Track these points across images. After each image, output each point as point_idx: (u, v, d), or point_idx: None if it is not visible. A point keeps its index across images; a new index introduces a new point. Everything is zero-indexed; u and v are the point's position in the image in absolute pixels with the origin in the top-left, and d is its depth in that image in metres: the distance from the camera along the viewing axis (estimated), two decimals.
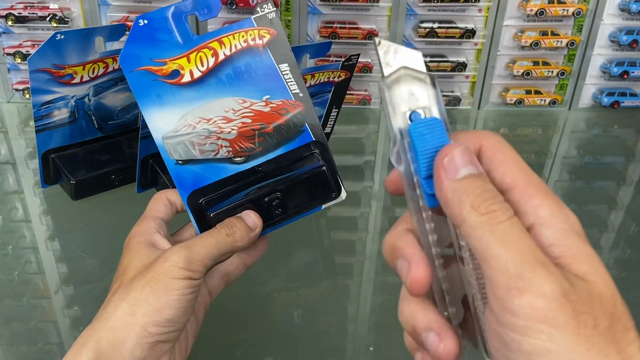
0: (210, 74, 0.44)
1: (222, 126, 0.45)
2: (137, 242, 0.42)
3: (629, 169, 0.84)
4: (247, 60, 0.45)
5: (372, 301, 0.58)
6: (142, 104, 0.43)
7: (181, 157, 0.44)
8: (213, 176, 0.45)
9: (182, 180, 0.44)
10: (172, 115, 0.44)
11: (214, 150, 0.45)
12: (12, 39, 0.89)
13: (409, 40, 0.91)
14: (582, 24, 0.93)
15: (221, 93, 0.45)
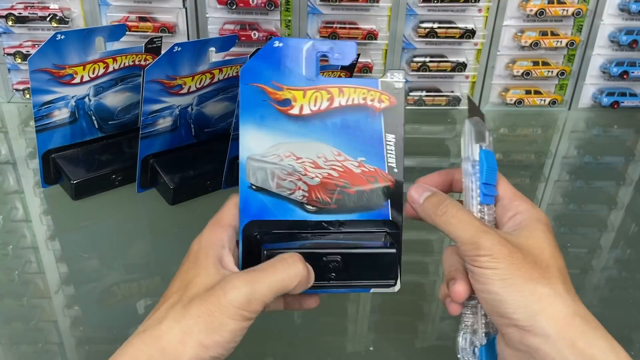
0: (318, 116, 0.44)
1: (308, 169, 0.44)
2: (206, 256, 0.39)
3: (629, 169, 0.84)
4: (358, 117, 0.44)
5: (372, 301, 0.58)
6: (243, 118, 0.43)
7: (257, 183, 0.43)
8: (279, 214, 0.43)
9: (247, 206, 0.43)
10: (266, 140, 0.43)
11: (291, 190, 0.44)
12: (12, 39, 0.89)
13: (409, 40, 0.91)
14: (582, 24, 0.93)
15: (321, 138, 0.44)
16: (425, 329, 0.55)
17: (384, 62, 0.93)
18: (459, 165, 0.44)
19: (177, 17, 0.88)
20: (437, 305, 0.58)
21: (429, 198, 0.42)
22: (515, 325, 0.37)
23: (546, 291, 0.36)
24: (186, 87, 0.65)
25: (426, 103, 0.95)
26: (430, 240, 0.67)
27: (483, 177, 0.41)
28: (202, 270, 0.39)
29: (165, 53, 0.61)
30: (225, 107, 0.72)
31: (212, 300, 0.37)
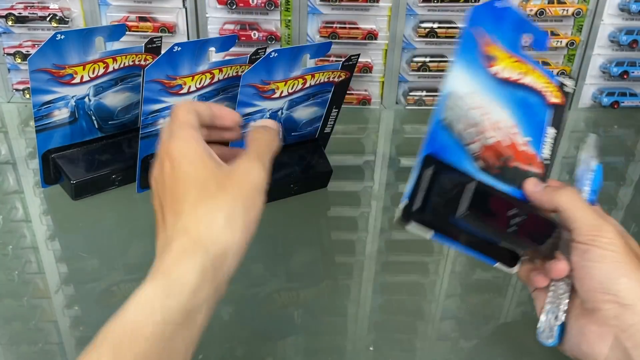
0: (511, 85, 0.47)
1: (487, 128, 0.46)
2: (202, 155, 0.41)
3: (629, 169, 0.84)
4: (535, 100, 0.48)
5: (372, 301, 0.58)
6: (459, 56, 0.45)
7: (447, 119, 0.44)
8: (455, 158, 0.45)
9: (433, 139, 0.44)
10: (467, 85, 0.45)
11: (469, 140, 0.45)
12: (12, 39, 0.89)
13: (409, 40, 0.91)
14: (582, 24, 0.93)
15: (507, 105, 0.47)
16: (425, 329, 0.55)
17: (384, 62, 0.93)
18: None
19: (177, 17, 0.88)
20: (437, 305, 0.58)
21: (547, 186, 0.47)
22: (617, 302, 0.42)
23: None
24: (186, 87, 0.65)
25: (426, 103, 0.95)
26: (430, 241, 0.67)
27: (594, 186, 0.48)
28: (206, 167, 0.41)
29: (165, 53, 0.61)
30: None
31: (239, 183, 0.40)
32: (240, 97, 0.62)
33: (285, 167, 0.70)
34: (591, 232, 0.43)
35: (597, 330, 0.43)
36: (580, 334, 0.44)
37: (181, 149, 0.41)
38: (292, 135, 0.71)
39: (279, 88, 0.64)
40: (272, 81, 0.63)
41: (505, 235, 0.44)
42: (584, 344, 0.43)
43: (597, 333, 0.43)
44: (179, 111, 0.43)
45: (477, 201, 0.43)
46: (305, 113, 0.70)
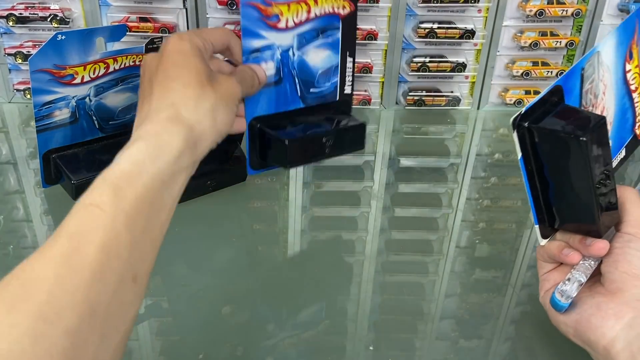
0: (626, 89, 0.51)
1: (599, 107, 0.48)
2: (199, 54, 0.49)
3: (629, 169, 0.84)
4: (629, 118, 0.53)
5: (372, 301, 0.58)
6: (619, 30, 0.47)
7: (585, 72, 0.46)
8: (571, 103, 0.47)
9: (569, 77, 0.46)
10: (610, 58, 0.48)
11: (584, 104, 0.47)
12: (13, 39, 0.89)
13: (408, 40, 0.92)
14: (581, 24, 0.93)
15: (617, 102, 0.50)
16: (425, 328, 0.55)
17: (383, 62, 0.93)
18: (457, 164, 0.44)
19: (178, 18, 0.89)
20: (437, 305, 0.58)
21: None
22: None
23: None
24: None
25: (426, 103, 0.95)
26: (430, 241, 0.67)
27: None
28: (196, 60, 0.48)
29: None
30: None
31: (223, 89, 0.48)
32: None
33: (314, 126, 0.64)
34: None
35: (615, 308, 0.44)
36: (594, 308, 0.45)
37: (182, 45, 0.48)
38: (311, 93, 0.65)
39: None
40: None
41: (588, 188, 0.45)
42: (596, 317, 0.45)
43: (614, 310, 0.44)
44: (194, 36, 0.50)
45: (597, 136, 0.43)
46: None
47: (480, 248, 0.66)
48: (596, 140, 0.43)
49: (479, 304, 0.58)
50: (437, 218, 0.70)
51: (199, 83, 0.46)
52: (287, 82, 0.64)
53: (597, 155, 0.44)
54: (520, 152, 0.45)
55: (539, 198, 0.47)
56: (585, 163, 0.43)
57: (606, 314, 0.44)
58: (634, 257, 0.46)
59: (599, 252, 0.47)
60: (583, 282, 0.47)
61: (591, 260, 0.48)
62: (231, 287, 0.59)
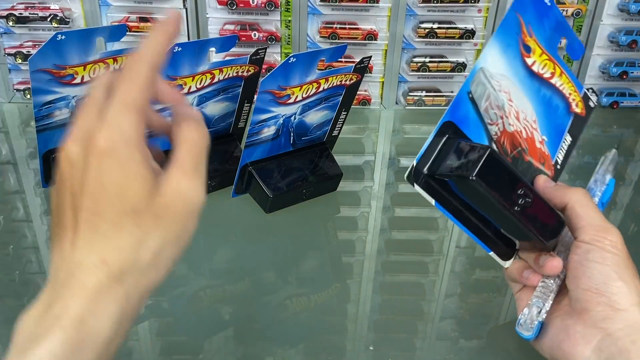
0: (539, 80, 0.48)
1: (511, 115, 0.46)
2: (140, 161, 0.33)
3: (629, 169, 0.84)
4: (559, 104, 0.49)
5: (372, 301, 0.58)
6: (496, 35, 0.45)
7: (473, 94, 0.45)
8: (473, 134, 0.45)
9: (456, 107, 0.44)
10: (499, 66, 0.46)
11: (492, 121, 0.46)
12: (13, 39, 0.89)
13: (408, 40, 0.92)
14: (581, 24, 0.93)
15: (532, 98, 0.47)
16: (425, 329, 0.55)
17: (384, 62, 0.93)
18: None
19: None
20: (437, 305, 0.58)
21: (560, 184, 0.48)
22: (610, 306, 0.41)
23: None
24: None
25: (426, 103, 0.95)
26: (430, 241, 0.67)
27: (604, 199, 0.49)
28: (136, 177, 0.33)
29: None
30: (226, 107, 0.72)
31: (174, 210, 0.33)
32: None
33: (296, 172, 0.70)
34: (597, 233, 0.43)
35: (583, 331, 0.42)
36: (563, 333, 0.43)
37: (118, 146, 0.32)
38: (302, 140, 0.71)
39: (294, 93, 0.65)
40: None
41: (509, 215, 0.43)
42: (566, 343, 0.43)
43: (582, 334, 0.42)
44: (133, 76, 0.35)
45: (488, 168, 0.41)
46: (317, 117, 0.70)
47: (480, 248, 0.66)
48: (490, 170, 0.41)
49: (479, 304, 0.58)
50: (437, 218, 0.70)
51: (136, 216, 0.32)
52: (282, 137, 0.69)
53: (501, 182, 0.42)
54: (432, 200, 0.44)
55: (480, 228, 0.46)
56: (490, 195, 0.42)
57: (575, 338, 0.42)
58: (594, 270, 0.42)
59: (552, 272, 0.45)
60: (542, 307, 0.45)
61: (551, 279, 0.46)
62: (230, 287, 0.58)
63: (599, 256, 0.43)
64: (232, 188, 0.69)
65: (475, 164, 0.41)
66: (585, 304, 0.42)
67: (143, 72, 0.35)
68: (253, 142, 0.65)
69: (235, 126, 0.75)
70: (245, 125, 0.75)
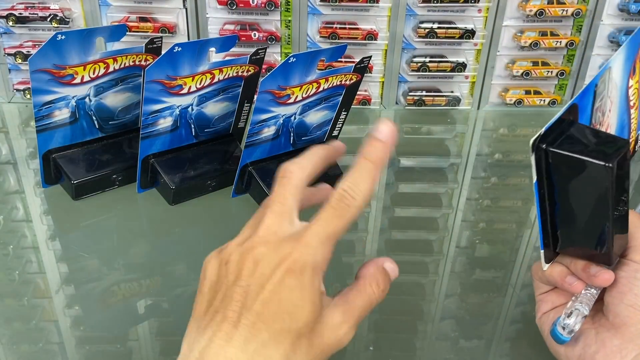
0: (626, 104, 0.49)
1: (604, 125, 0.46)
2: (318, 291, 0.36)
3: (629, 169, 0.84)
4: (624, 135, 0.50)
5: None
6: (629, 44, 0.45)
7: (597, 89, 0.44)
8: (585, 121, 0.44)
9: (584, 94, 0.43)
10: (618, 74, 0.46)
11: (594, 122, 0.45)
12: (12, 39, 0.89)
13: (408, 40, 0.92)
14: (581, 24, 0.93)
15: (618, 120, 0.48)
16: (425, 329, 0.55)
17: (384, 62, 0.93)
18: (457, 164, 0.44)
19: (178, 18, 0.89)
20: (437, 305, 0.58)
21: None
22: None
23: None
24: (186, 87, 0.65)
25: (426, 103, 0.95)
26: (430, 241, 0.67)
27: None
28: (311, 304, 0.35)
29: (166, 53, 0.61)
30: (226, 107, 0.72)
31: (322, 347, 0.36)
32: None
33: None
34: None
35: (620, 345, 0.43)
36: (599, 344, 0.44)
37: (307, 270, 0.35)
38: (302, 140, 0.71)
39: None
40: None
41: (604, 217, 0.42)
42: (600, 355, 0.43)
43: (618, 347, 0.43)
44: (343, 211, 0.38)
45: (621, 163, 0.40)
46: (317, 117, 0.70)
47: (480, 248, 0.66)
48: (619, 165, 0.40)
49: (479, 304, 0.58)
50: (437, 218, 0.70)
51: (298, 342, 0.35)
52: (283, 137, 0.69)
53: (619, 181, 0.41)
54: (535, 176, 0.43)
55: (547, 222, 0.45)
56: (606, 190, 0.41)
57: (611, 351, 0.43)
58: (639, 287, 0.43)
59: (604, 284, 0.45)
60: (586, 314, 0.45)
61: (593, 289, 0.46)
62: None
63: None
64: (232, 188, 0.69)
65: (612, 152, 0.40)
66: (626, 318, 0.43)
67: (354, 210, 0.39)
68: (253, 142, 0.65)
69: (235, 126, 0.75)
70: (245, 125, 0.75)
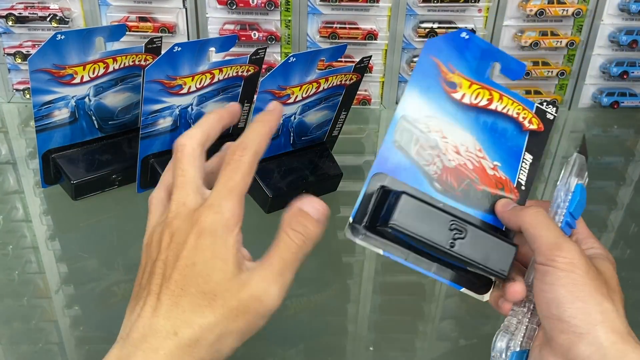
0: (475, 110, 0.46)
1: (449, 151, 0.45)
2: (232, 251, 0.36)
3: (629, 169, 0.84)
4: (507, 126, 0.47)
5: (372, 301, 0.58)
6: (412, 82, 0.44)
7: (400, 142, 0.44)
8: (409, 179, 0.43)
9: (384, 158, 0.43)
10: (424, 109, 0.45)
11: (427, 162, 0.44)
12: (12, 39, 0.89)
13: (409, 40, 0.91)
14: (581, 24, 0.93)
15: (471, 129, 0.46)
16: (425, 329, 0.55)
17: (384, 62, 0.93)
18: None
19: (177, 17, 0.89)
20: (437, 305, 0.58)
21: (516, 205, 0.45)
22: (572, 331, 0.38)
23: (610, 307, 0.38)
24: (186, 87, 0.65)
25: None
26: None
27: (571, 208, 0.44)
28: (223, 261, 0.35)
29: (166, 53, 0.61)
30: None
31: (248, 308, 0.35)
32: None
33: (295, 172, 0.70)
34: (550, 252, 0.39)
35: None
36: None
37: (217, 228, 0.36)
38: (302, 140, 0.71)
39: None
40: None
41: (446, 252, 0.42)
42: None
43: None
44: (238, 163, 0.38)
45: (406, 211, 0.41)
46: (316, 117, 0.70)
47: None
48: (410, 212, 0.40)
49: (479, 304, 0.58)
50: None
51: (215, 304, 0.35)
52: (283, 137, 0.69)
53: (425, 221, 0.41)
54: (379, 250, 0.44)
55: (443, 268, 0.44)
56: (418, 237, 0.41)
57: None
58: (550, 293, 0.39)
59: (513, 298, 0.42)
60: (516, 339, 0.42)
61: (520, 305, 0.43)
62: None
63: (554, 277, 0.39)
64: None
65: (392, 210, 0.41)
66: (550, 332, 0.39)
67: (247, 160, 0.38)
68: None
69: (235, 126, 0.75)
70: (245, 125, 0.75)
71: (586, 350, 0.37)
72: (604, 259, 0.43)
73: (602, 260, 0.42)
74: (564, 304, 0.38)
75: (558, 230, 0.41)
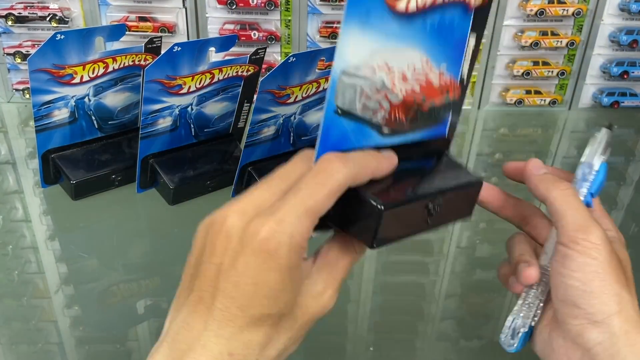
0: (421, 16, 0.38)
1: (395, 84, 0.39)
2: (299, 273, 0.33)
3: (629, 169, 0.84)
4: (452, 17, 0.39)
5: (372, 301, 0.58)
6: (348, 15, 0.35)
7: (343, 105, 0.37)
8: (357, 141, 0.38)
9: (328, 135, 0.36)
10: (366, 46, 0.37)
11: (374, 111, 0.38)
12: (12, 39, 0.89)
13: None
14: (582, 24, 0.93)
15: (417, 41, 0.39)
16: (425, 329, 0.55)
17: None
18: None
19: (177, 17, 0.88)
20: (437, 305, 0.58)
21: (548, 174, 0.42)
22: (586, 319, 0.37)
23: (628, 297, 0.37)
24: (186, 87, 0.65)
25: None
26: (430, 241, 0.67)
27: (593, 188, 0.43)
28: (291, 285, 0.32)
29: (165, 53, 0.61)
30: (226, 107, 0.72)
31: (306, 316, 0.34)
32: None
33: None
34: (576, 234, 0.38)
35: (565, 346, 0.39)
36: (549, 347, 0.40)
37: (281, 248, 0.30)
38: (302, 140, 0.71)
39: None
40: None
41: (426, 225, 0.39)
42: (552, 358, 0.40)
43: (564, 349, 0.39)
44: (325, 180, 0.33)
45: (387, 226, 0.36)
46: (317, 117, 0.70)
47: (481, 248, 0.66)
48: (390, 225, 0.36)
49: (479, 304, 0.58)
50: None
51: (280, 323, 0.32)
52: (283, 137, 0.68)
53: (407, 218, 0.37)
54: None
55: None
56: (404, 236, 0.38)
57: (559, 354, 0.39)
58: (570, 279, 0.38)
59: (527, 281, 0.41)
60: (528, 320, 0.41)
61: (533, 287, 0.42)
62: None
63: (576, 263, 0.38)
64: (231, 188, 0.69)
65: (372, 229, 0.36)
66: (563, 316, 0.39)
67: (336, 181, 0.33)
68: (253, 142, 0.65)
69: (235, 126, 0.75)
70: (245, 125, 0.75)
71: (598, 337, 0.37)
72: (621, 245, 0.42)
73: (619, 245, 0.42)
74: (583, 292, 0.37)
75: (587, 212, 0.39)
